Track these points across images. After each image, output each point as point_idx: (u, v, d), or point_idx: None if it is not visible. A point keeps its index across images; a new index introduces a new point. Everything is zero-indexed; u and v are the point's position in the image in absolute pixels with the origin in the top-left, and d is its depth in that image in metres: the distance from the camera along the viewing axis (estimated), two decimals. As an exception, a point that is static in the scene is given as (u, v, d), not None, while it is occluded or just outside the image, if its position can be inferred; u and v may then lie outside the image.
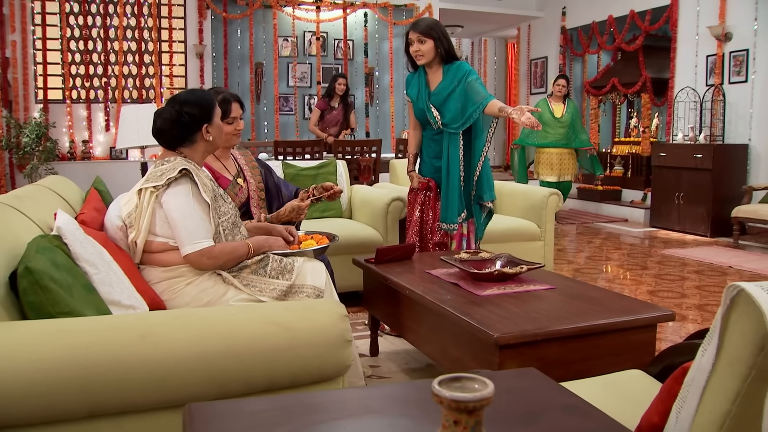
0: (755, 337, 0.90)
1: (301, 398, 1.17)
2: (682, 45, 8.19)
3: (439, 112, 3.69)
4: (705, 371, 0.97)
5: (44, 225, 2.22)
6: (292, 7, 9.17)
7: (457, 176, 3.69)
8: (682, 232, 7.54)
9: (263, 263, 2.51)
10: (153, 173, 2.39)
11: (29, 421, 1.41)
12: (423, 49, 3.62)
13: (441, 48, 3.64)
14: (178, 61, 8.56)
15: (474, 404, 0.77)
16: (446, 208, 3.74)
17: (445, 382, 0.80)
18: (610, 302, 2.53)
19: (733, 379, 0.93)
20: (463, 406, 0.77)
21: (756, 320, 0.89)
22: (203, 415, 1.05)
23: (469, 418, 0.78)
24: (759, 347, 0.90)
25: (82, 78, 8.15)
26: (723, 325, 0.95)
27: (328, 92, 7.61)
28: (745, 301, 0.91)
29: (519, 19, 11.21)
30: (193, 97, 2.50)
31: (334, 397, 1.19)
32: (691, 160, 7.37)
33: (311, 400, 1.15)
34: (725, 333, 0.95)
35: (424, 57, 3.64)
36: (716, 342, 0.96)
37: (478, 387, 0.80)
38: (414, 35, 3.64)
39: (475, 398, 0.77)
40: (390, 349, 3.50)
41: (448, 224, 3.74)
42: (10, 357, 1.39)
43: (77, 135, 8.19)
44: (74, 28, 8.07)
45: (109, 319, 1.56)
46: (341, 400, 1.16)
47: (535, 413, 1.12)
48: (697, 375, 0.99)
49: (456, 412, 0.78)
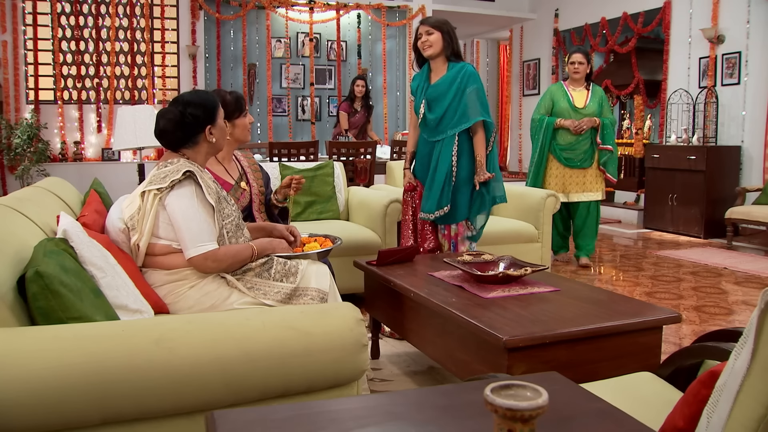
0: (793, 342, 0.89)
1: (324, 405, 1.15)
2: (675, 47, 8.22)
3: (429, 106, 3.77)
4: (739, 375, 0.96)
5: (47, 228, 2.19)
6: (285, 8, 9.13)
7: (444, 171, 3.76)
8: (675, 234, 7.56)
9: (267, 266, 2.49)
10: (156, 175, 2.36)
11: (42, 429, 1.38)
12: (431, 39, 3.73)
13: (447, 43, 3.74)
14: (170, 62, 8.51)
15: (530, 413, 0.76)
16: (427, 197, 3.84)
17: (496, 389, 0.78)
18: (616, 304, 2.53)
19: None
20: (519, 414, 0.76)
21: (794, 324, 0.88)
22: (227, 424, 1.03)
23: (524, 426, 0.77)
24: (797, 351, 0.89)
25: (73, 79, 8.08)
26: (759, 328, 0.94)
27: (349, 95, 7.74)
28: (781, 305, 0.90)
29: (511, 21, 11.22)
30: (197, 98, 2.49)
31: (357, 404, 1.17)
32: (685, 162, 7.40)
33: (335, 407, 1.13)
34: (761, 336, 0.94)
35: (432, 47, 3.74)
36: (751, 345, 0.95)
37: (530, 395, 0.79)
38: (423, 28, 3.76)
39: (531, 407, 0.76)
40: (391, 351, 3.49)
41: (425, 213, 3.84)
42: (23, 363, 1.37)
43: (69, 136, 8.12)
44: (66, 28, 8.00)
45: (123, 325, 1.53)
46: (366, 406, 1.15)
47: (566, 419, 1.11)
48: (730, 379, 0.98)
49: (511, 421, 0.77)
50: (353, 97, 7.67)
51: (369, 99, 7.83)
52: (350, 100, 7.71)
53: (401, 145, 6.90)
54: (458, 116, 3.72)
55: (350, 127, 7.65)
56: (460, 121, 3.72)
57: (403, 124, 9.92)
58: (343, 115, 7.71)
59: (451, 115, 3.73)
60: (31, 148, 7.53)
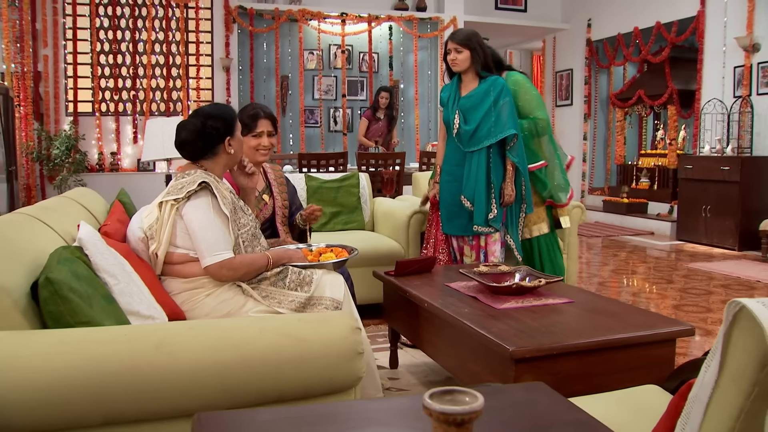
0: (757, 354, 0.89)
1: (309, 409, 1.18)
2: (709, 56, 8.11)
3: (465, 118, 3.79)
4: (708, 387, 0.97)
5: (68, 236, 2.26)
6: (318, 20, 9.25)
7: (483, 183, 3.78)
8: (709, 246, 7.43)
9: (282, 275, 2.53)
10: (174, 186, 2.43)
11: (46, 428, 1.44)
12: (459, 58, 3.81)
13: (477, 58, 3.81)
14: (205, 75, 8.68)
15: (462, 417, 0.78)
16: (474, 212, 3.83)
17: (437, 395, 0.81)
18: (630, 316, 2.51)
19: (736, 395, 0.93)
20: (452, 418, 0.79)
21: (758, 337, 0.89)
22: (211, 425, 1.07)
23: (458, 430, 0.79)
24: (761, 364, 0.90)
25: (111, 91, 8.30)
26: (725, 342, 0.95)
27: (374, 105, 7.87)
28: (746, 317, 0.91)
29: (544, 32, 11.18)
30: (216, 110, 2.56)
31: (342, 409, 1.20)
32: (719, 173, 7.28)
33: (318, 411, 1.16)
34: (728, 349, 0.94)
35: (459, 66, 3.83)
36: (719, 358, 0.96)
37: (468, 400, 0.81)
38: (452, 45, 3.84)
39: (464, 411, 0.78)
40: (410, 361, 3.50)
41: (478, 227, 3.83)
42: (28, 365, 1.43)
43: (106, 147, 8.33)
44: (104, 42, 8.23)
45: (125, 329, 1.60)
46: (348, 411, 1.17)
47: (541, 428, 1.12)
48: (701, 391, 0.99)
49: (445, 425, 0.79)
50: (377, 107, 7.79)
51: (393, 110, 7.92)
52: (373, 110, 7.83)
53: (430, 156, 6.92)
54: (492, 128, 3.74)
55: (371, 135, 7.75)
56: (493, 133, 3.74)
57: (434, 135, 9.95)
58: (363, 122, 7.84)
59: (485, 126, 3.75)
60: (69, 159, 7.75)
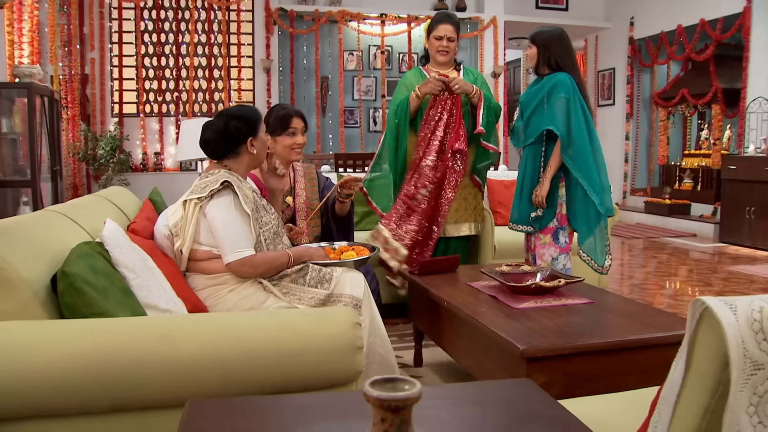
0: (720, 353, 0.91)
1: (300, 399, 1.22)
2: (755, 53, 7.91)
3: (522, 113, 3.88)
4: (676, 386, 0.98)
5: (95, 233, 2.35)
6: (357, 21, 9.33)
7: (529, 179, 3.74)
8: (752, 248, 7.26)
9: (303, 272, 2.58)
10: (197, 185, 2.51)
11: (58, 413, 1.53)
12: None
13: (542, 55, 3.93)
14: (246, 76, 8.83)
15: (397, 403, 0.81)
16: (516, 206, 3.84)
17: (378, 383, 0.84)
18: (648, 317, 2.49)
19: (701, 394, 0.94)
20: (387, 404, 0.82)
21: (719, 337, 0.90)
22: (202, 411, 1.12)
23: (395, 416, 0.83)
24: (724, 363, 0.90)
25: (155, 93, 8.52)
26: (691, 341, 0.96)
27: None
28: (710, 316, 0.92)
29: (586, 30, 11.05)
30: (239, 111, 2.64)
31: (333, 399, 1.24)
32: (764, 173, 7.11)
33: (309, 401, 1.20)
34: (693, 349, 0.95)
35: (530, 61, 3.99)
36: (685, 357, 0.97)
37: (407, 388, 0.85)
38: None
39: (398, 397, 0.81)
40: (434, 360, 3.52)
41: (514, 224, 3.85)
42: (43, 352, 1.52)
43: (149, 147, 8.55)
44: (148, 45, 8.45)
45: (133, 321, 1.68)
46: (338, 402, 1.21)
47: (521, 423, 1.15)
48: (669, 390, 1.00)
49: (382, 410, 0.82)
50: None
51: None
52: None
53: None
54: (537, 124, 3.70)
55: None
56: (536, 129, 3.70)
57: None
58: None
59: (532, 122, 3.73)
60: (114, 159, 7.98)
